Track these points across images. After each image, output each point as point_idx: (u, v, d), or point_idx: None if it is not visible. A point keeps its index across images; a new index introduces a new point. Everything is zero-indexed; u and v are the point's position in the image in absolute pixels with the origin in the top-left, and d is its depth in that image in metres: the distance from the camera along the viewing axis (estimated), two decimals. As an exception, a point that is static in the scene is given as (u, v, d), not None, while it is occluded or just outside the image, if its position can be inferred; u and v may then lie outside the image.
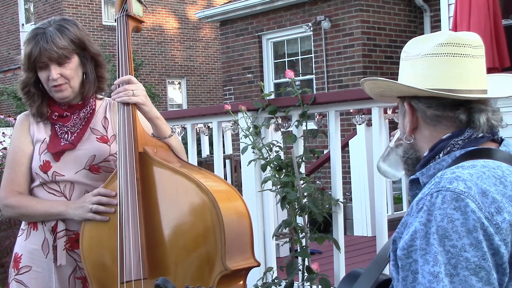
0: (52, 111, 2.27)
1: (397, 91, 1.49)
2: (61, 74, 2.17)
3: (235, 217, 2.06)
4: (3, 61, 18.57)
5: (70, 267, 2.23)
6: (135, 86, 2.13)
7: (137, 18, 2.24)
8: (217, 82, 18.14)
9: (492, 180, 1.30)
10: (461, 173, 1.30)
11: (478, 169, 1.31)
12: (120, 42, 2.18)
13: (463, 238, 1.22)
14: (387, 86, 1.49)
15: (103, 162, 2.23)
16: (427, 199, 1.28)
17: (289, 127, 3.53)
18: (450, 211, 1.24)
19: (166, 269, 2.02)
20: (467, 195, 1.25)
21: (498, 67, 5.58)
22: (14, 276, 2.27)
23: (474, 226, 1.22)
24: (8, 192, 2.25)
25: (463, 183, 1.27)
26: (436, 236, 1.23)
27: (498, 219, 1.24)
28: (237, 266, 1.99)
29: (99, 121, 2.30)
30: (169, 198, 2.06)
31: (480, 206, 1.24)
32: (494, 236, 1.23)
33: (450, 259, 1.22)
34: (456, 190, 1.26)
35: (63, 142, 2.23)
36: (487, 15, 5.58)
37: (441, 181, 1.30)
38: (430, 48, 1.42)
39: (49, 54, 2.14)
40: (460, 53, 1.40)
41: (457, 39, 1.40)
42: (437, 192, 1.28)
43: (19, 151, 2.27)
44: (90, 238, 2.13)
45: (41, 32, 2.17)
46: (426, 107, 1.42)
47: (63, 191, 2.23)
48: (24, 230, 2.29)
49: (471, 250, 1.21)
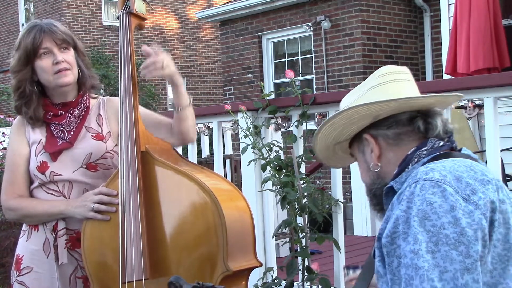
0: (46, 111, 2.26)
1: (356, 125, 1.57)
2: (64, 59, 2.20)
3: (238, 217, 2.05)
4: (3, 61, 18.57)
5: (71, 266, 2.22)
6: (162, 56, 2.13)
7: (140, 15, 2.23)
8: (217, 82, 18.14)
9: (463, 169, 1.41)
10: (435, 165, 1.41)
11: (449, 162, 1.43)
12: (122, 39, 2.18)
13: (442, 217, 1.31)
14: (347, 118, 1.56)
15: (100, 159, 2.22)
16: (407, 190, 1.38)
17: (289, 127, 3.53)
18: (429, 196, 1.33)
19: (167, 269, 2.01)
20: (443, 181, 1.35)
21: (498, 67, 5.58)
22: (16, 278, 2.27)
23: (452, 206, 1.32)
24: (8, 195, 2.26)
25: (438, 172, 1.38)
26: (417, 219, 1.32)
27: (475, 198, 1.34)
28: (239, 267, 1.98)
29: (93, 119, 2.29)
30: (171, 198, 2.05)
31: (456, 189, 1.34)
32: (474, 211, 1.32)
33: (431, 237, 1.30)
34: (433, 179, 1.36)
35: (60, 141, 2.23)
36: (487, 15, 5.58)
37: (417, 174, 1.41)
38: (373, 81, 1.59)
39: (54, 36, 2.17)
40: (399, 79, 1.59)
41: (391, 69, 1.61)
42: (415, 183, 1.38)
43: (17, 153, 2.27)
44: (91, 237, 2.12)
45: (38, 23, 2.21)
46: (386, 129, 1.54)
47: (61, 190, 2.23)
48: (25, 231, 2.29)
49: (450, 227, 1.30)
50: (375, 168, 1.57)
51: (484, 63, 5.48)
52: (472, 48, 5.52)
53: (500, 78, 2.93)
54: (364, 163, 1.61)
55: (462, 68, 5.55)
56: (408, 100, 1.52)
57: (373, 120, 1.55)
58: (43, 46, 2.17)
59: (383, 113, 1.54)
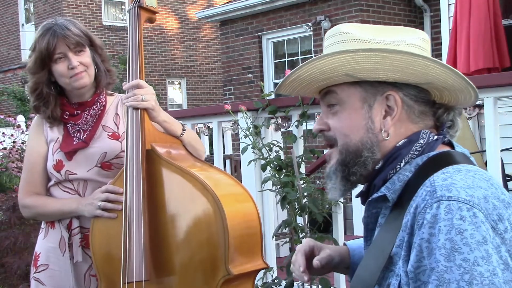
0: (63, 110, 2.28)
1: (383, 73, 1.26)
2: (80, 62, 2.20)
3: (242, 220, 2.01)
4: (3, 61, 18.56)
5: (86, 264, 2.25)
6: (145, 90, 2.11)
7: (150, 9, 2.20)
8: (217, 82, 18.13)
9: (485, 184, 1.17)
10: (453, 179, 1.16)
11: (465, 174, 1.18)
12: (131, 34, 2.16)
13: (475, 251, 1.08)
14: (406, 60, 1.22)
15: (114, 158, 2.24)
16: (427, 212, 1.13)
17: (289, 127, 3.53)
18: (457, 222, 1.09)
19: (169, 270, 2.00)
20: (473, 203, 1.11)
21: (498, 67, 5.58)
22: (33, 275, 2.32)
23: (484, 238, 1.09)
24: (25, 193, 2.30)
25: (463, 190, 1.13)
26: (444, 251, 1.09)
27: (501, 228, 1.13)
28: (242, 270, 1.95)
29: (111, 118, 2.31)
30: (175, 199, 2.03)
31: (486, 215, 1.11)
32: (501, 247, 1.11)
33: (463, 274, 1.07)
34: (460, 199, 1.11)
35: (76, 140, 2.25)
36: (487, 15, 5.58)
37: (435, 190, 1.15)
38: (414, 39, 1.29)
39: (68, 41, 2.17)
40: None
41: (425, 36, 1.33)
42: (437, 202, 1.12)
43: (34, 152, 2.31)
44: (99, 235, 2.14)
45: (53, 25, 2.20)
46: (414, 101, 1.28)
47: (76, 189, 2.26)
48: (43, 229, 2.34)
49: (484, 264, 1.07)
50: (385, 136, 1.28)
51: (484, 63, 5.48)
52: (472, 48, 5.52)
53: (500, 78, 2.93)
54: (364, 119, 1.29)
55: (462, 68, 5.55)
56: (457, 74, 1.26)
57: (403, 78, 1.26)
58: (58, 52, 2.18)
59: (417, 79, 1.26)
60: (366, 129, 1.29)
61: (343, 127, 1.31)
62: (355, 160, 1.30)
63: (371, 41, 1.27)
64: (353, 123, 1.30)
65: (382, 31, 1.31)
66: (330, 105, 1.34)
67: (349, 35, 1.28)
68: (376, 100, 1.28)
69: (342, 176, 1.33)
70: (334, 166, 1.33)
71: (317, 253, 1.52)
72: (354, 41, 1.27)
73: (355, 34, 1.28)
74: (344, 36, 1.29)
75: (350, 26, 1.31)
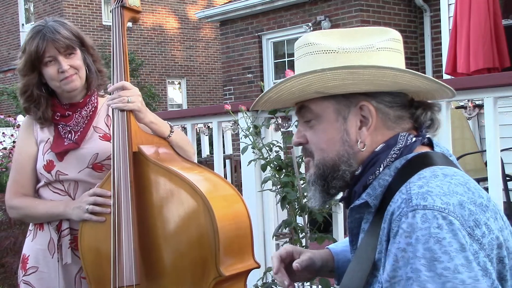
0: (54, 111, 2.26)
1: (354, 87, 1.25)
2: (70, 65, 2.17)
3: (232, 220, 1.98)
4: (3, 61, 18.57)
5: (76, 266, 2.22)
6: (130, 92, 2.08)
7: (134, 8, 2.17)
8: (217, 82, 18.14)
9: (461, 189, 1.16)
10: (429, 186, 1.15)
11: (441, 179, 1.17)
12: (114, 35, 2.13)
13: (454, 258, 1.07)
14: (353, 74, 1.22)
15: (106, 160, 2.22)
16: (402, 220, 1.13)
17: (289, 127, 3.53)
18: (435, 231, 1.09)
19: (160, 274, 1.98)
20: (448, 211, 1.11)
21: (498, 67, 5.58)
22: (22, 278, 2.28)
23: (461, 245, 1.09)
24: (12, 194, 2.27)
25: (439, 198, 1.12)
26: (424, 261, 1.08)
27: (478, 234, 1.12)
28: (233, 271, 1.93)
29: (102, 119, 2.29)
30: (164, 201, 2.00)
31: (462, 222, 1.11)
32: (479, 253, 1.11)
33: (444, 283, 1.06)
34: (435, 207, 1.11)
35: (67, 141, 2.23)
36: (487, 15, 5.58)
37: (411, 198, 1.14)
38: (383, 42, 1.29)
39: (58, 45, 2.14)
40: (400, 49, 1.33)
41: (397, 35, 1.34)
42: (412, 211, 1.12)
43: (23, 152, 2.28)
44: (88, 238, 2.11)
45: (42, 27, 2.17)
46: (389, 107, 1.27)
47: (67, 190, 2.23)
48: (32, 231, 2.30)
49: (464, 271, 1.07)
50: (361, 147, 1.27)
51: (484, 63, 5.48)
52: (472, 48, 5.52)
53: (500, 78, 2.93)
54: (339, 132, 1.28)
55: (462, 68, 5.56)
56: (421, 77, 1.26)
57: (374, 89, 1.26)
58: (47, 55, 2.15)
59: (388, 88, 1.26)
60: (342, 141, 1.28)
61: (319, 142, 1.31)
62: (333, 174, 1.30)
63: (339, 51, 1.26)
64: (329, 137, 1.30)
65: (351, 36, 1.30)
66: (306, 121, 1.35)
67: (316, 46, 1.28)
68: (350, 111, 1.28)
69: (321, 189, 1.33)
70: (313, 177, 1.34)
71: (296, 257, 1.52)
72: (321, 52, 1.27)
73: (322, 45, 1.27)
74: (311, 48, 1.28)
75: (317, 36, 1.31)
